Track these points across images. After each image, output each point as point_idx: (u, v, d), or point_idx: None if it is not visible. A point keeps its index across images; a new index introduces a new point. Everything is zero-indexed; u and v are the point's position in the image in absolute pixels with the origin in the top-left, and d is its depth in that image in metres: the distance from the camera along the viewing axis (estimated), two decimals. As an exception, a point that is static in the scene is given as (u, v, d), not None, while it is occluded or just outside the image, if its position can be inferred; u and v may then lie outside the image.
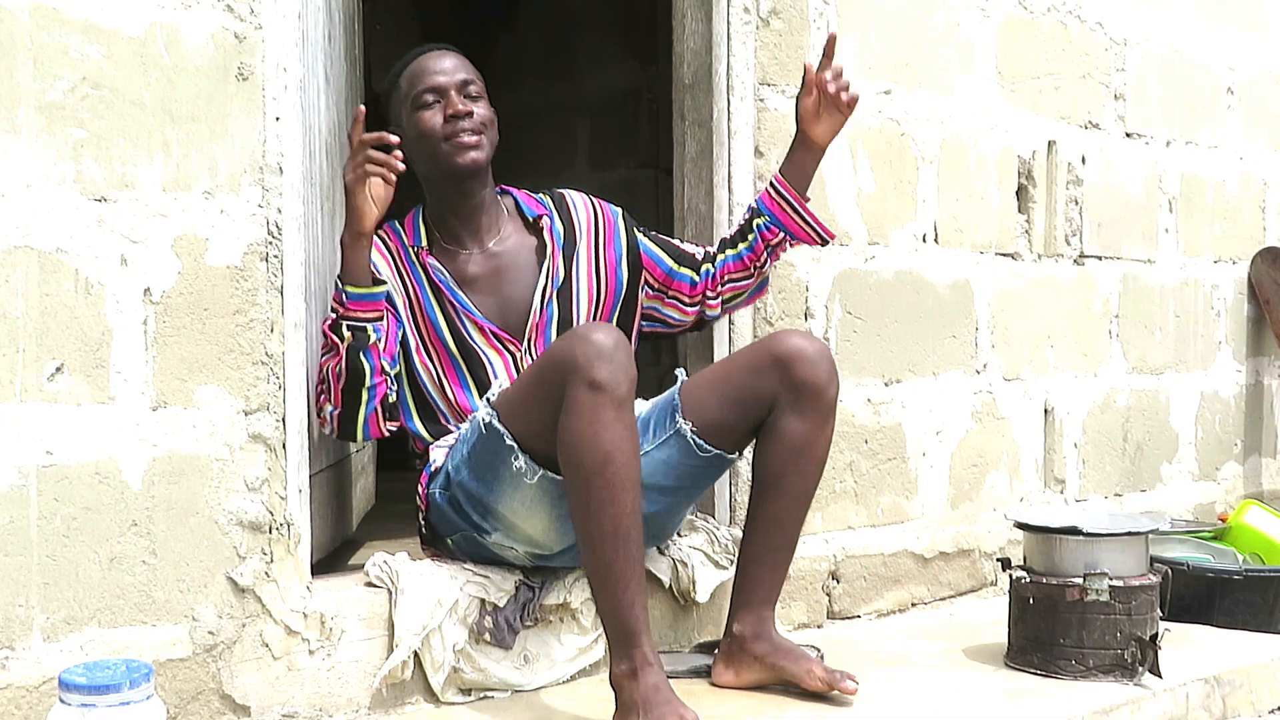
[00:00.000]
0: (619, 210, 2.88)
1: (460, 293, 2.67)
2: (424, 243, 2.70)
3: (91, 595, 2.16)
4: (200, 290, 2.26)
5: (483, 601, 2.53)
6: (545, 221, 2.77)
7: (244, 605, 2.31)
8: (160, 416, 2.22)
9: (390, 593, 2.47)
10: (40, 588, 2.11)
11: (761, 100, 3.08)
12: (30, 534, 2.10)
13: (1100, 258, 3.99)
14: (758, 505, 2.57)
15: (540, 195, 2.85)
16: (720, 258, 2.80)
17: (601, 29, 5.62)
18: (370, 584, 2.50)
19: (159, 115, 2.21)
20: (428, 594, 2.47)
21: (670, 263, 2.82)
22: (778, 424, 2.52)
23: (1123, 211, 4.06)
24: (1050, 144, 3.81)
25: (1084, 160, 3.91)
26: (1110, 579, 2.66)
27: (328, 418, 2.54)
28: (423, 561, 2.57)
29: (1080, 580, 2.67)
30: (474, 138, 2.64)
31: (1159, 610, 2.75)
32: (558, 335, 2.65)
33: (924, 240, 3.46)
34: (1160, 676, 2.64)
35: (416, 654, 2.45)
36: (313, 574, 2.44)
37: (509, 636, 2.54)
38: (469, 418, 2.59)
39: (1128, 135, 4.07)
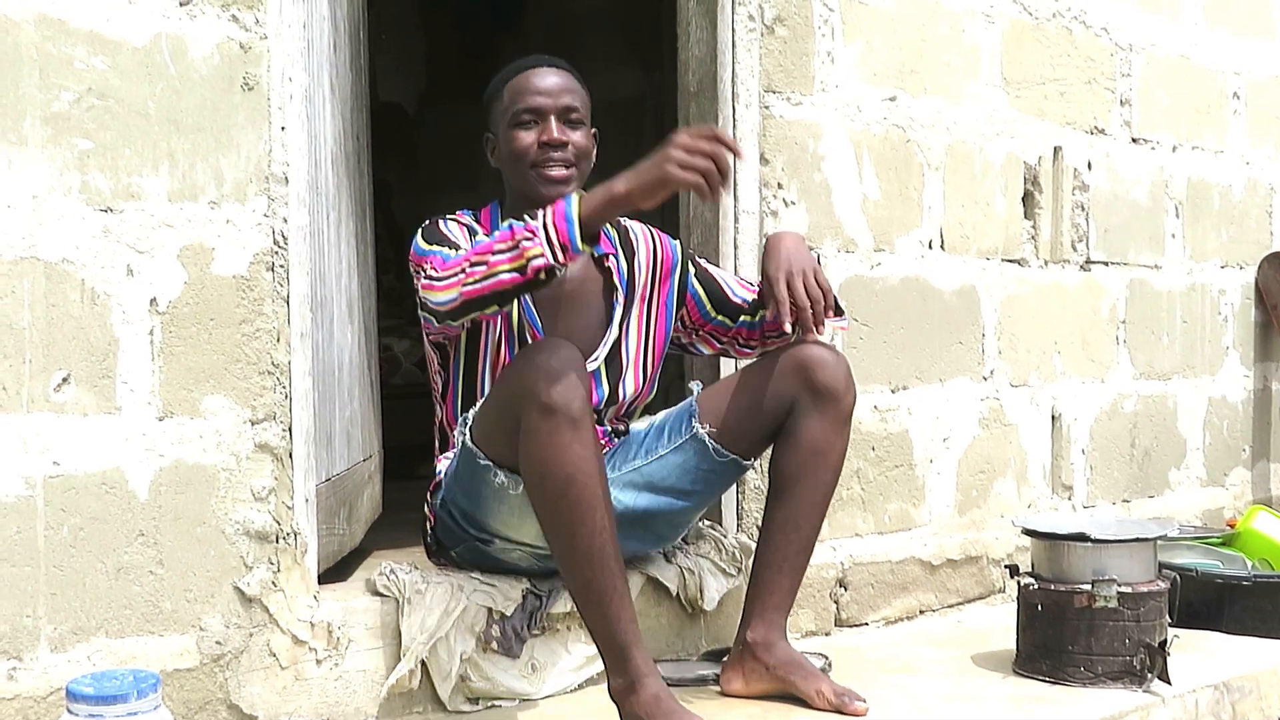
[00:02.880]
0: (678, 245, 2.81)
1: (535, 311, 2.60)
2: None
3: (99, 605, 2.16)
4: (206, 300, 2.26)
5: (490, 610, 2.53)
6: (611, 262, 2.70)
7: (251, 615, 2.31)
8: (167, 426, 2.22)
9: (397, 602, 2.47)
10: (47, 598, 2.11)
11: (767, 107, 3.08)
12: (37, 544, 2.10)
13: (1107, 263, 3.98)
14: (774, 509, 2.57)
15: (605, 229, 2.69)
16: (761, 315, 2.71)
17: (606, 36, 5.63)
18: (377, 593, 2.50)
19: (164, 125, 2.22)
20: (435, 603, 2.46)
21: (710, 309, 2.77)
22: (796, 426, 2.53)
23: (1129, 217, 4.06)
24: (1056, 150, 3.81)
25: (1090, 166, 3.91)
26: (1119, 585, 2.66)
27: (455, 299, 2.32)
28: (430, 570, 2.57)
29: (1089, 587, 2.67)
30: (563, 171, 2.57)
31: (1168, 617, 2.74)
32: (605, 378, 2.64)
33: (930, 247, 3.46)
34: (1169, 683, 2.63)
35: (424, 663, 2.45)
36: (320, 583, 2.44)
37: (516, 645, 2.54)
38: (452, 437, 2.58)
39: (1134, 141, 4.06)
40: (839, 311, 2.66)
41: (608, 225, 2.68)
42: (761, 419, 2.56)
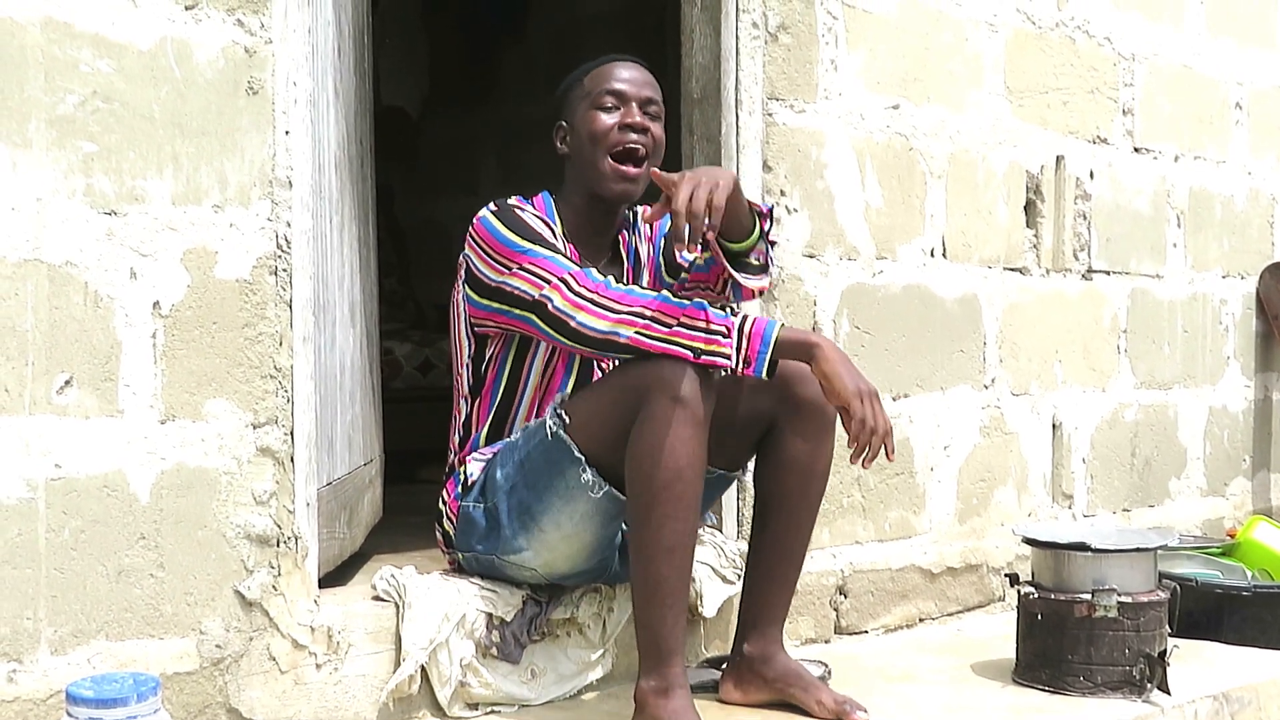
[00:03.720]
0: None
1: None
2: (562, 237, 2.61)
3: (99, 608, 2.16)
4: (209, 304, 2.26)
5: (490, 616, 2.53)
6: (627, 259, 2.73)
7: (251, 619, 2.31)
8: (169, 429, 2.22)
9: (398, 607, 2.47)
10: (48, 600, 2.11)
11: (770, 115, 3.09)
12: (38, 546, 2.10)
13: (1108, 272, 3.98)
14: (762, 525, 2.56)
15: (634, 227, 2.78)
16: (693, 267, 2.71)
17: (610, 42, 5.62)
18: (378, 598, 2.50)
19: (169, 129, 2.22)
20: (435, 608, 2.46)
21: (665, 274, 2.77)
22: (779, 444, 2.51)
23: (1131, 226, 4.06)
24: (1058, 159, 3.81)
25: (1092, 175, 3.91)
26: (1119, 595, 2.66)
27: (611, 334, 2.34)
28: (430, 575, 2.57)
29: (1089, 596, 2.67)
30: (636, 168, 2.57)
31: (1168, 627, 2.74)
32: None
33: (932, 255, 3.46)
34: (1169, 693, 2.63)
35: (424, 668, 2.45)
36: (320, 587, 2.44)
37: (516, 651, 2.54)
38: (523, 428, 2.56)
39: (1136, 150, 4.06)
40: (764, 268, 2.56)
41: (626, 230, 2.73)
42: (743, 432, 2.54)
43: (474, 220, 2.53)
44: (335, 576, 2.66)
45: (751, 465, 2.60)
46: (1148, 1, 4.08)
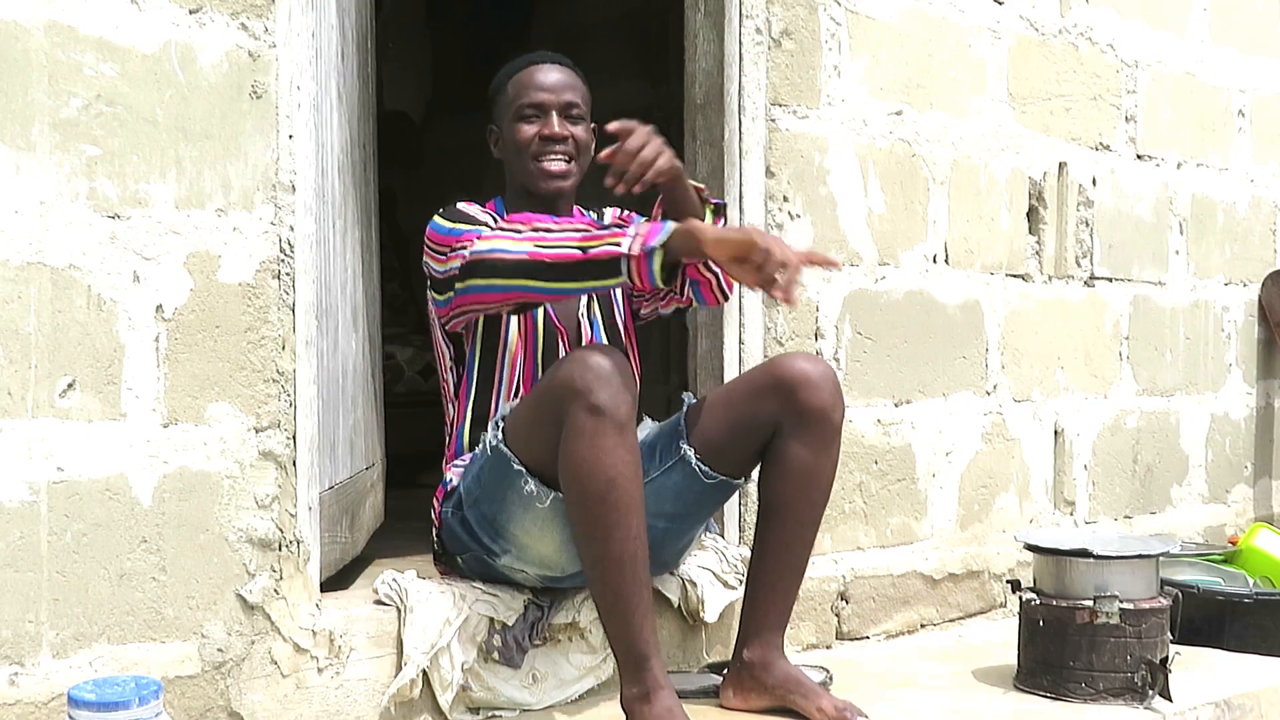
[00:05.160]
0: None
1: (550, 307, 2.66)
2: None
3: (101, 611, 2.16)
4: (212, 307, 2.26)
5: (491, 620, 2.53)
6: None
7: (253, 622, 2.31)
8: (171, 433, 2.22)
9: (399, 611, 2.47)
10: (50, 604, 2.11)
11: (773, 120, 3.09)
12: (40, 550, 2.10)
13: (1111, 279, 3.98)
14: (765, 532, 2.55)
15: (589, 210, 2.84)
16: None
17: (613, 48, 5.63)
18: (379, 602, 2.50)
19: (172, 132, 2.22)
20: (436, 612, 2.46)
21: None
22: (783, 451, 2.49)
23: (1133, 233, 4.06)
24: (1061, 165, 3.81)
25: (1095, 182, 3.91)
26: (1120, 602, 2.66)
27: (522, 252, 2.37)
28: (431, 580, 2.57)
29: (1090, 603, 2.67)
30: (563, 165, 2.66)
31: (1169, 633, 2.74)
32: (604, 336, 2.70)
33: (934, 261, 3.46)
34: (1170, 700, 2.63)
35: (425, 672, 2.45)
36: (322, 591, 2.44)
37: (518, 655, 2.53)
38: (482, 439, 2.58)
39: (1138, 157, 4.07)
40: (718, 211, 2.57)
41: (582, 210, 2.81)
42: (746, 439, 2.53)
43: (429, 228, 2.57)
44: (337, 580, 2.66)
45: (755, 472, 2.60)
46: (1151, 9, 4.08)
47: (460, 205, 2.60)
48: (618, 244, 2.28)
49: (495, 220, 2.59)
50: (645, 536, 2.28)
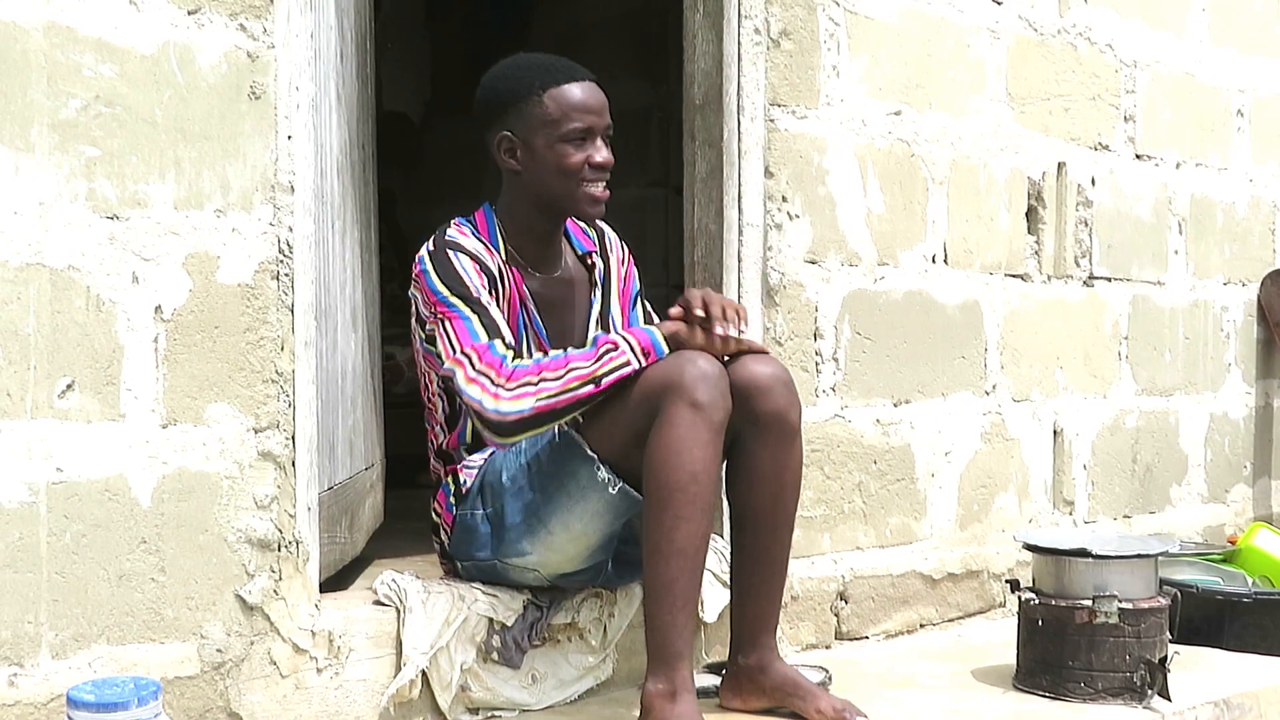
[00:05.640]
0: (637, 279, 2.86)
1: (539, 315, 2.63)
2: (503, 256, 2.61)
3: (100, 612, 2.16)
4: (211, 308, 2.26)
5: (491, 620, 2.53)
6: (593, 259, 2.75)
7: (252, 623, 2.31)
8: (170, 434, 2.22)
9: (398, 611, 2.47)
10: (49, 604, 2.11)
11: (772, 121, 3.09)
12: (40, 551, 2.10)
13: (1110, 279, 3.99)
14: (741, 540, 2.54)
15: (586, 228, 2.79)
16: None
17: (613, 48, 5.63)
18: (378, 602, 2.50)
19: (171, 133, 2.22)
20: (436, 613, 2.47)
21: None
22: (745, 458, 2.48)
23: (1132, 233, 4.06)
24: (1060, 165, 3.81)
25: (1094, 182, 3.91)
26: (1119, 601, 2.66)
27: (520, 412, 2.36)
28: (431, 580, 2.57)
29: (1089, 602, 2.67)
30: (607, 192, 2.61)
31: (1168, 633, 2.74)
32: None
33: (933, 261, 3.46)
34: (1170, 700, 2.63)
35: (424, 673, 2.45)
36: (321, 592, 2.44)
37: (517, 656, 2.54)
38: None
39: (1138, 157, 4.07)
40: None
41: (586, 227, 2.78)
42: None
43: (416, 258, 2.53)
44: (336, 581, 2.67)
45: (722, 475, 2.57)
46: (1150, 9, 4.08)
47: (450, 244, 2.51)
48: (628, 363, 2.35)
49: (485, 273, 2.50)
50: (709, 541, 2.34)
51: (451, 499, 2.60)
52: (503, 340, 2.43)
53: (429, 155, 6.53)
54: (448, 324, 2.44)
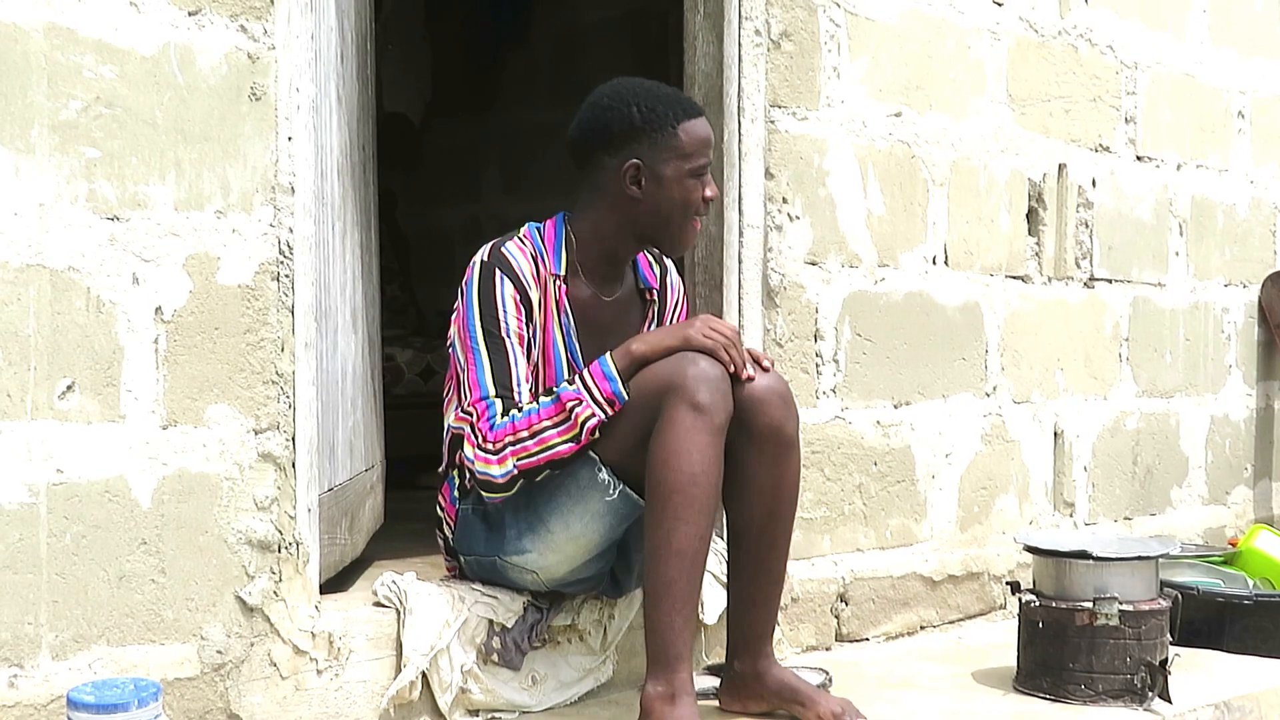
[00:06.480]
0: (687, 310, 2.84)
1: (575, 341, 2.59)
2: (563, 272, 2.58)
3: (100, 613, 2.16)
4: (211, 309, 2.26)
5: (491, 622, 2.53)
6: (653, 295, 2.72)
7: (252, 624, 2.31)
8: (170, 435, 2.22)
9: (398, 613, 2.47)
10: (49, 606, 2.11)
11: (772, 122, 3.09)
12: (40, 552, 2.10)
13: (1110, 280, 3.98)
14: (738, 551, 2.53)
15: (654, 262, 2.75)
16: None
17: (613, 49, 5.64)
18: (378, 604, 2.50)
19: (171, 135, 2.22)
20: (436, 614, 2.46)
21: None
22: (742, 471, 2.46)
23: (1133, 234, 4.06)
24: (1061, 167, 3.81)
25: (1094, 183, 3.91)
26: (1120, 603, 2.66)
27: (507, 473, 2.41)
28: (431, 582, 2.57)
29: (1090, 604, 2.67)
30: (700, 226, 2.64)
31: (1169, 635, 2.74)
32: None
33: (934, 262, 3.46)
34: (1170, 702, 2.63)
35: (424, 674, 2.45)
36: (321, 593, 2.44)
37: (517, 657, 2.54)
38: None
39: (1138, 158, 4.07)
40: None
41: (653, 263, 2.74)
42: None
43: (471, 262, 2.52)
44: (336, 582, 2.66)
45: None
46: (1150, 10, 4.08)
47: (501, 260, 2.49)
48: (594, 415, 2.36)
49: (523, 309, 2.49)
50: (709, 542, 2.33)
51: (455, 493, 2.60)
52: (509, 391, 2.44)
53: (429, 156, 6.53)
54: (465, 363, 2.48)
